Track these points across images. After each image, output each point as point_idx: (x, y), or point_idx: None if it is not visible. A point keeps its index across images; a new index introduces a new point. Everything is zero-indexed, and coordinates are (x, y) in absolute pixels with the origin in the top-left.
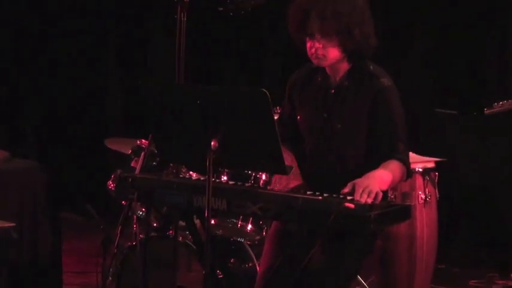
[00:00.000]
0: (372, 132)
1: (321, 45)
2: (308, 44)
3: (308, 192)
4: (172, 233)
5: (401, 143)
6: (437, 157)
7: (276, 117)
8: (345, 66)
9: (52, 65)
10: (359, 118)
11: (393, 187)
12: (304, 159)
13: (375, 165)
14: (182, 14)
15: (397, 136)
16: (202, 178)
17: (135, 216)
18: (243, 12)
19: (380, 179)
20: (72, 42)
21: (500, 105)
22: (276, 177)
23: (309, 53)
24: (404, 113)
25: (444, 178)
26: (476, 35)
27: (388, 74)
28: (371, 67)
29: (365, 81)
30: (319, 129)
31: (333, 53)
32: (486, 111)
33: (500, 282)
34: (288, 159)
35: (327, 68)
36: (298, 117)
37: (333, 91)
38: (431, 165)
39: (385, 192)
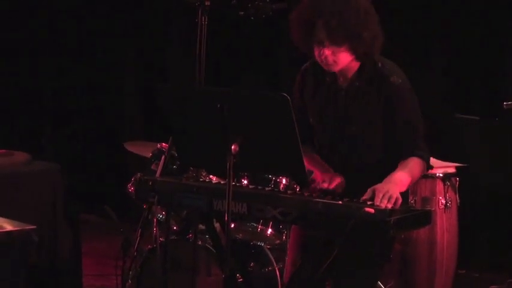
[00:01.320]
0: (390, 133)
1: (330, 52)
2: (316, 52)
3: (328, 197)
4: (192, 236)
5: (420, 139)
6: (458, 162)
7: None
8: (354, 67)
9: (72, 66)
10: (373, 119)
11: (413, 192)
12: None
13: (393, 164)
14: (203, 18)
15: (416, 134)
16: (222, 182)
17: (155, 219)
18: (264, 16)
19: (400, 181)
20: (91, 43)
21: None
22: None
23: (318, 60)
24: (424, 118)
25: (465, 183)
26: (495, 40)
27: (398, 68)
28: (379, 64)
29: (375, 81)
30: (333, 133)
31: (344, 58)
32: (505, 105)
33: None
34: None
35: None
36: (311, 119)
37: (343, 93)
38: (452, 170)
39: (405, 197)
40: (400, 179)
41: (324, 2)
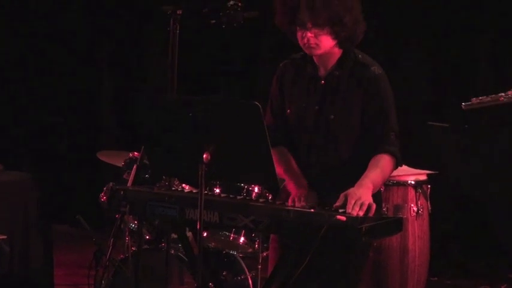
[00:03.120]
0: (364, 122)
1: (312, 35)
2: (299, 34)
3: (300, 205)
4: (164, 245)
5: (392, 132)
6: (429, 170)
7: None
8: (334, 55)
9: (45, 76)
10: (352, 108)
11: (385, 199)
12: (299, 153)
13: (367, 156)
14: (175, 26)
15: (389, 126)
16: (194, 191)
17: (127, 229)
18: (235, 24)
19: (371, 184)
20: (65, 52)
21: (479, 100)
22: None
23: (300, 43)
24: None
25: (436, 191)
26: (469, 48)
27: (377, 62)
28: (360, 56)
29: (356, 70)
30: (312, 122)
31: (326, 41)
32: (464, 106)
33: None
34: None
35: (315, 59)
36: (288, 110)
37: (323, 82)
38: (423, 177)
39: (378, 204)
40: (371, 181)
41: None
